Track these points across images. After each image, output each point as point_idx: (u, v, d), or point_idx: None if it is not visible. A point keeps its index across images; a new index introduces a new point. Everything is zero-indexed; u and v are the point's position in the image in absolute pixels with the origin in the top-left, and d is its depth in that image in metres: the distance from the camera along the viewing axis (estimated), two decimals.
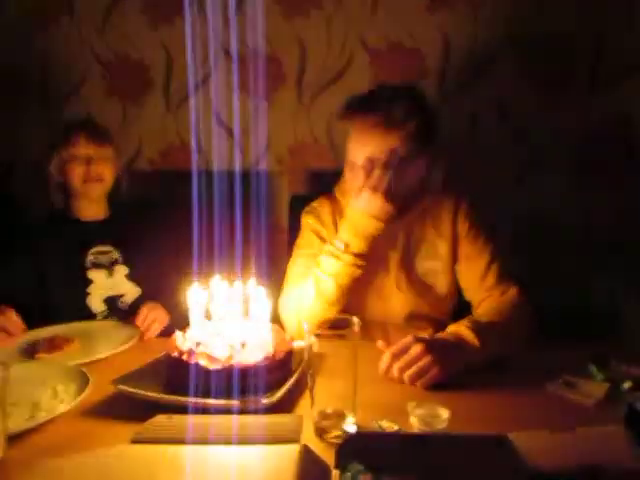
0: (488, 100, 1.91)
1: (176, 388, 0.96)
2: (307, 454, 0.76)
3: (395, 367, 1.04)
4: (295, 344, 1.10)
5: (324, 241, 1.36)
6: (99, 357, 1.20)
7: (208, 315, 1.08)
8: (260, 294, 1.07)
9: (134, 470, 0.75)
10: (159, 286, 1.55)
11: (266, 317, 1.07)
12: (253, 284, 1.08)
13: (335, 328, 0.88)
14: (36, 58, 2.06)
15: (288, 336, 1.14)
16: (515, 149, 1.92)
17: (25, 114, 2.10)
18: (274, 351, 1.02)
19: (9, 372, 0.83)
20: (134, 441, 0.83)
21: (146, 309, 1.41)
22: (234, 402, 0.91)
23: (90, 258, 1.56)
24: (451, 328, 1.15)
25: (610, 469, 0.71)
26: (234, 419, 0.87)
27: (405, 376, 1.03)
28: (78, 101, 2.08)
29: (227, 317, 1.06)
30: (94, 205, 1.62)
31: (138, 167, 2.07)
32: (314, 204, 1.47)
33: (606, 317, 1.87)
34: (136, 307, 1.45)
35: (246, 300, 1.07)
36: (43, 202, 1.61)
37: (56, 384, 1.02)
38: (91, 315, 1.53)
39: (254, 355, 0.99)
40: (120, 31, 2.03)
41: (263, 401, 0.92)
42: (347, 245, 1.25)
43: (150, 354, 1.12)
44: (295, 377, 1.01)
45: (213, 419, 0.88)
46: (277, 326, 1.14)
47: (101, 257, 1.57)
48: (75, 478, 0.74)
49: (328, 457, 0.76)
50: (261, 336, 1.03)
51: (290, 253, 1.45)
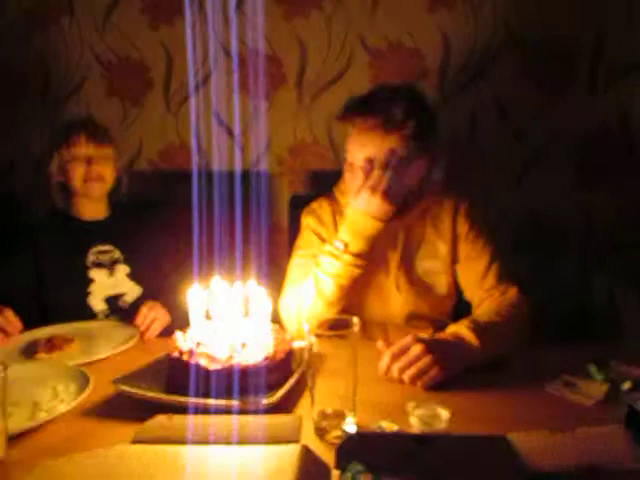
0: (488, 100, 1.91)
1: (176, 388, 0.96)
2: (307, 454, 0.76)
3: (395, 367, 1.04)
4: (295, 344, 1.10)
5: (324, 241, 1.36)
6: (99, 357, 1.20)
7: (208, 315, 1.08)
8: (260, 294, 1.07)
9: (134, 470, 0.75)
10: (160, 285, 1.55)
11: (266, 317, 1.07)
12: (253, 284, 1.08)
13: (335, 328, 0.88)
14: (36, 58, 2.07)
15: (288, 336, 1.14)
16: (515, 149, 1.92)
17: (25, 114, 2.10)
18: (274, 351, 1.02)
19: (8, 372, 0.83)
20: (134, 441, 0.83)
21: (146, 308, 1.41)
22: (234, 402, 0.91)
23: (91, 257, 1.56)
24: (451, 328, 1.15)
25: (610, 469, 0.72)
26: (234, 419, 0.87)
27: (405, 376, 1.03)
28: (78, 101, 2.08)
29: (227, 317, 1.06)
30: (95, 205, 1.62)
31: (138, 167, 2.07)
32: (314, 204, 1.47)
33: (606, 317, 1.88)
34: (137, 306, 1.44)
35: (246, 300, 1.07)
36: (43, 202, 1.62)
37: (56, 384, 1.02)
38: (92, 314, 1.53)
39: (254, 355, 0.99)
40: (120, 31, 2.03)
41: (263, 401, 0.92)
42: (346, 245, 1.25)
43: (150, 354, 1.12)
44: (295, 377, 1.01)
45: (213, 419, 0.88)
46: (277, 326, 1.14)
47: (102, 256, 1.57)
48: (75, 478, 0.74)
49: (328, 457, 0.76)
50: (261, 336, 1.03)
51: (290, 253, 1.45)
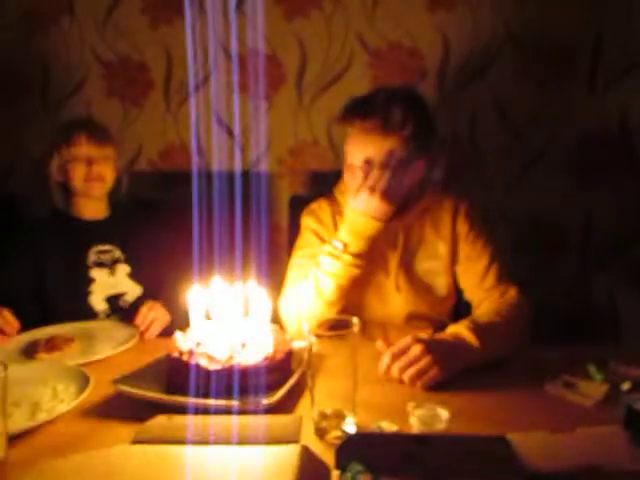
0: (488, 100, 1.91)
1: (176, 388, 0.96)
2: (307, 454, 0.76)
3: (395, 367, 1.04)
4: (295, 344, 1.10)
5: (324, 242, 1.36)
6: (99, 357, 1.20)
7: (208, 315, 1.08)
8: (260, 294, 1.07)
9: (134, 470, 0.75)
10: (160, 285, 1.55)
11: (266, 317, 1.07)
12: (253, 284, 1.08)
13: (335, 328, 0.88)
14: (36, 58, 2.07)
15: (288, 336, 1.14)
16: (515, 149, 1.92)
17: (25, 114, 2.10)
18: (274, 351, 1.02)
19: (8, 372, 0.83)
20: (134, 441, 0.83)
21: (146, 308, 1.41)
22: (234, 402, 0.91)
23: (92, 257, 1.56)
24: (451, 328, 1.15)
25: (609, 469, 0.72)
26: (234, 419, 0.87)
27: (405, 376, 1.03)
28: (78, 101, 2.08)
29: (227, 317, 1.06)
30: (95, 204, 1.62)
31: (138, 167, 2.07)
32: (314, 205, 1.47)
33: (606, 317, 1.88)
34: (138, 306, 1.44)
35: (246, 300, 1.07)
36: (43, 202, 1.62)
37: (56, 384, 1.02)
38: (93, 314, 1.53)
39: (254, 355, 0.99)
40: (120, 31, 2.03)
41: (263, 401, 0.92)
42: (346, 245, 1.25)
43: (150, 354, 1.12)
44: (295, 377, 1.01)
45: (213, 419, 0.88)
46: (277, 326, 1.14)
47: (103, 256, 1.57)
48: (75, 478, 0.74)
49: (328, 457, 0.76)
50: (261, 336, 1.03)
51: (290, 253, 1.45)
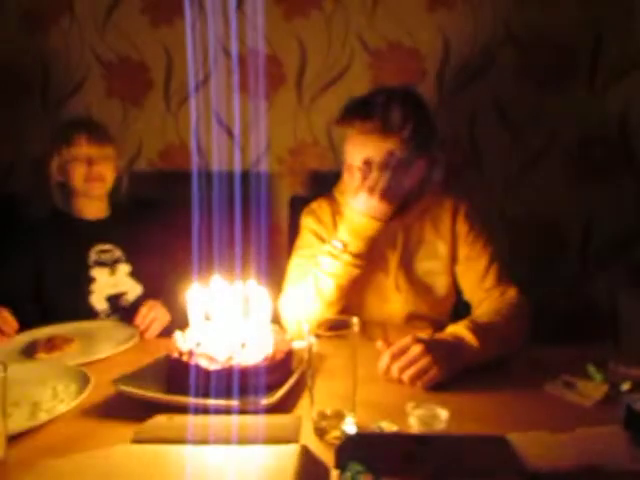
0: (487, 100, 1.91)
1: (176, 388, 0.96)
2: (306, 454, 0.76)
3: (395, 367, 1.04)
4: (295, 344, 1.10)
5: (323, 242, 1.36)
6: (99, 357, 1.20)
7: (208, 316, 1.08)
8: (260, 294, 1.07)
9: (134, 470, 0.75)
10: (160, 285, 1.56)
11: (266, 318, 1.07)
12: (253, 284, 1.08)
13: (335, 328, 0.88)
14: (36, 58, 2.07)
15: (288, 336, 1.14)
16: (515, 149, 1.92)
17: (25, 114, 2.10)
18: (274, 351, 1.02)
19: (8, 372, 0.83)
20: (134, 441, 0.83)
21: (146, 308, 1.41)
22: (234, 402, 0.91)
23: (93, 256, 1.56)
24: (450, 329, 1.15)
25: (609, 469, 0.72)
26: (234, 419, 0.87)
27: (404, 376, 1.03)
28: (78, 101, 2.08)
29: (227, 317, 1.06)
30: (95, 204, 1.62)
31: (138, 167, 2.07)
32: (313, 205, 1.47)
33: (606, 318, 1.88)
34: (138, 305, 1.45)
35: (246, 300, 1.07)
36: (43, 202, 1.61)
37: (56, 384, 1.02)
38: (94, 314, 1.53)
39: (254, 356, 0.99)
40: (120, 31, 2.03)
41: (263, 401, 0.92)
42: (345, 245, 1.25)
43: (150, 354, 1.12)
44: (295, 377, 1.01)
45: (213, 419, 0.88)
46: (277, 326, 1.14)
47: (104, 255, 1.57)
48: (75, 478, 0.74)
49: (327, 457, 0.76)
50: (261, 337, 1.03)
51: (290, 253, 1.45)
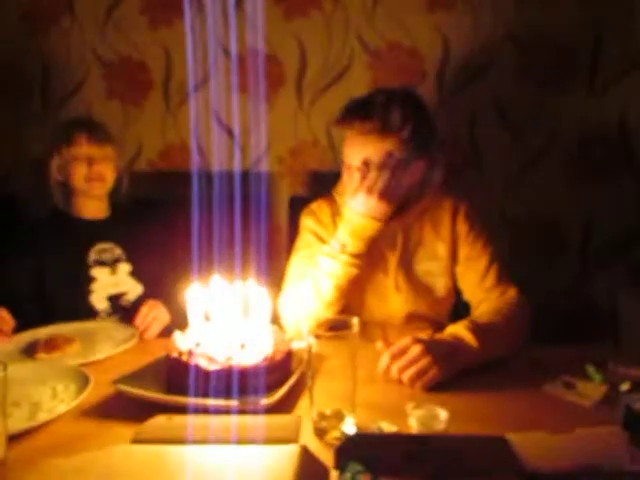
0: (487, 100, 1.91)
1: (176, 388, 0.96)
2: (306, 454, 0.76)
3: (394, 368, 1.04)
4: (294, 345, 1.10)
5: (323, 242, 1.36)
6: (99, 357, 1.20)
7: (207, 316, 1.08)
8: (259, 295, 1.07)
9: (134, 470, 0.75)
10: (160, 284, 1.56)
11: (265, 318, 1.07)
12: (253, 285, 1.08)
13: (334, 329, 0.88)
14: (36, 58, 2.07)
15: (287, 337, 1.14)
16: (514, 149, 1.92)
17: (25, 114, 2.10)
18: (273, 352, 1.02)
19: (8, 372, 0.83)
20: (134, 441, 0.83)
21: (146, 308, 1.41)
22: (233, 402, 0.91)
23: (93, 256, 1.56)
24: (450, 329, 1.15)
25: (608, 470, 0.72)
26: (233, 419, 0.87)
27: (404, 376, 1.03)
28: (78, 101, 2.08)
29: (227, 318, 1.06)
30: (95, 204, 1.62)
31: (138, 167, 2.07)
32: (313, 205, 1.47)
33: (606, 318, 1.88)
34: (139, 305, 1.45)
35: (246, 301, 1.07)
36: (43, 202, 1.62)
37: (56, 384, 1.03)
38: (94, 313, 1.53)
39: (253, 356, 0.99)
40: (120, 31, 2.03)
41: (262, 402, 0.92)
42: (344, 245, 1.25)
43: (150, 354, 1.12)
44: (294, 378, 1.01)
45: (213, 419, 0.88)
46: (276, 327, 1.14)
47: (104, 254, 1.57)
48: (75, 478, 0.74)
49: (327, 458, 0.76)
50: (260, 337, 1.03)
51: (289, 254, 1.45)
